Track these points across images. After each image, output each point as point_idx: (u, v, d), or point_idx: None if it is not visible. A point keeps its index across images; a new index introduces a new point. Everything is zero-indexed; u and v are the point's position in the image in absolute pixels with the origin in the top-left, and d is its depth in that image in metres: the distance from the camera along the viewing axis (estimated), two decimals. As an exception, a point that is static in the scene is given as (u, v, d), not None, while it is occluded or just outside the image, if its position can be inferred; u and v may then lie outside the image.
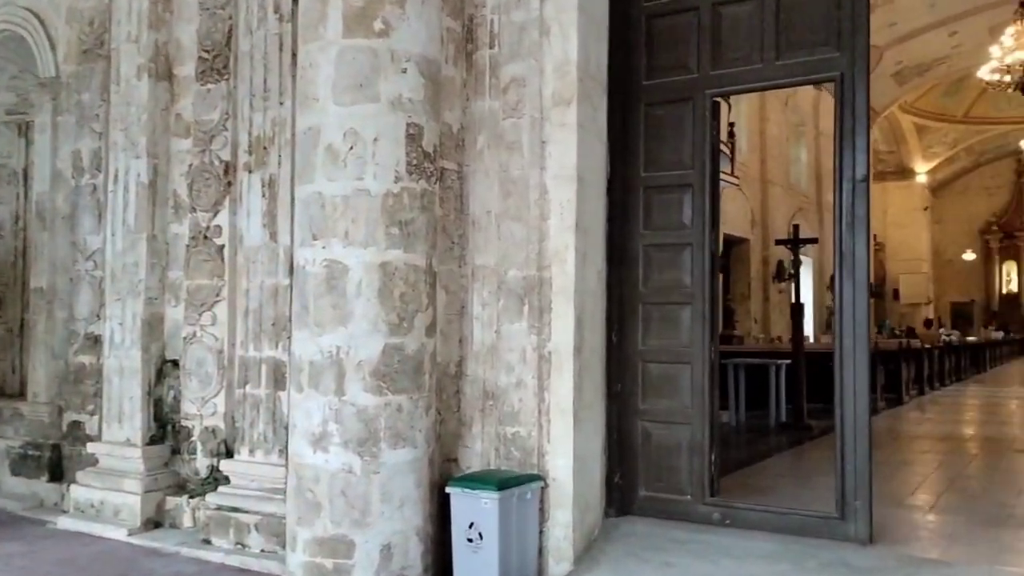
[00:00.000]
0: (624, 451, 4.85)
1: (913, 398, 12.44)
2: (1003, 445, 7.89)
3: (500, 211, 4.53)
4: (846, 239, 4.41)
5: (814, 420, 9.15)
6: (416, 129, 4.12)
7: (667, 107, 4.86)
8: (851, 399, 4.34)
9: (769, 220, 19.08)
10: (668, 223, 4.85)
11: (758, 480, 6.04)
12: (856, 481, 4.31)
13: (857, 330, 4.35)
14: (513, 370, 4.45)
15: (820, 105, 22.10)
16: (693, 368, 4.75)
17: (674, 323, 4.81)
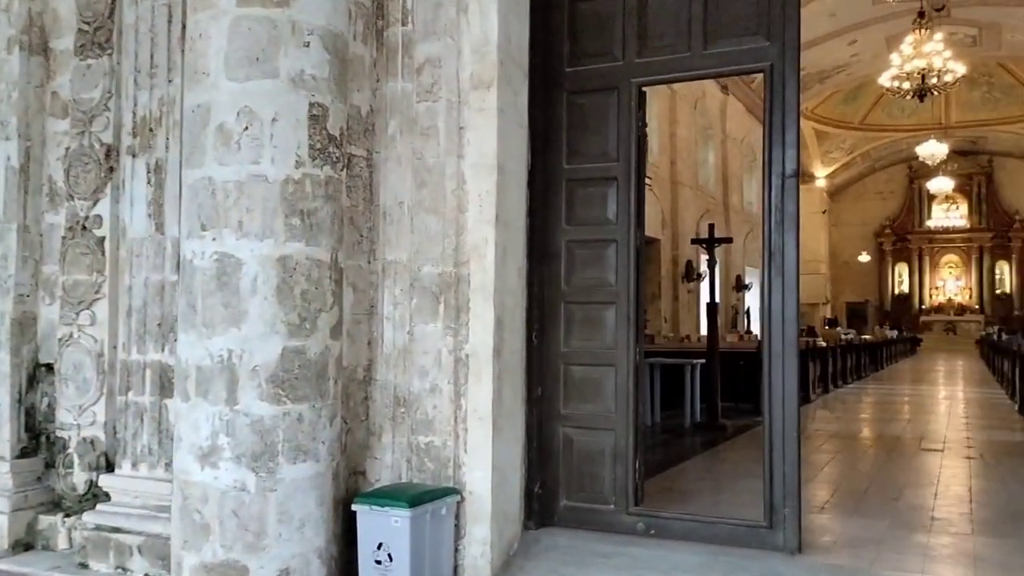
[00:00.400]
0: (544, 459, 4.54)
1: (819, 396, 12.59)
2: (911, 443, 7.94)
3: (414, 202, 4.15)
4: (775, 237, 4.21)
5: (727, 419, 9.08)
6: (320, 110, 3.70)
7: (591, 96, 4.57)
8: (779, 403, 4.13)
9: (679, 221, 19.20)
10: (592, 218, 4.56)
11: (679, 484, 5.83)
12: (785, 488, 4.10)
13: (787, 332, 4.15)
14: (427, 374, 4.08)
15: (727, 109, 22.47)
16: (617, 371, 4.47)
17: (598, 324, 4.53)
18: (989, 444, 8.00)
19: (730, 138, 22.89)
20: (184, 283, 3.74)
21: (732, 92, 22.51)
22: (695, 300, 20.00)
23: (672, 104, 18.95)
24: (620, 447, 4.45)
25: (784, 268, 4.16)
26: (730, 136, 22.88)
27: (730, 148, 22.94)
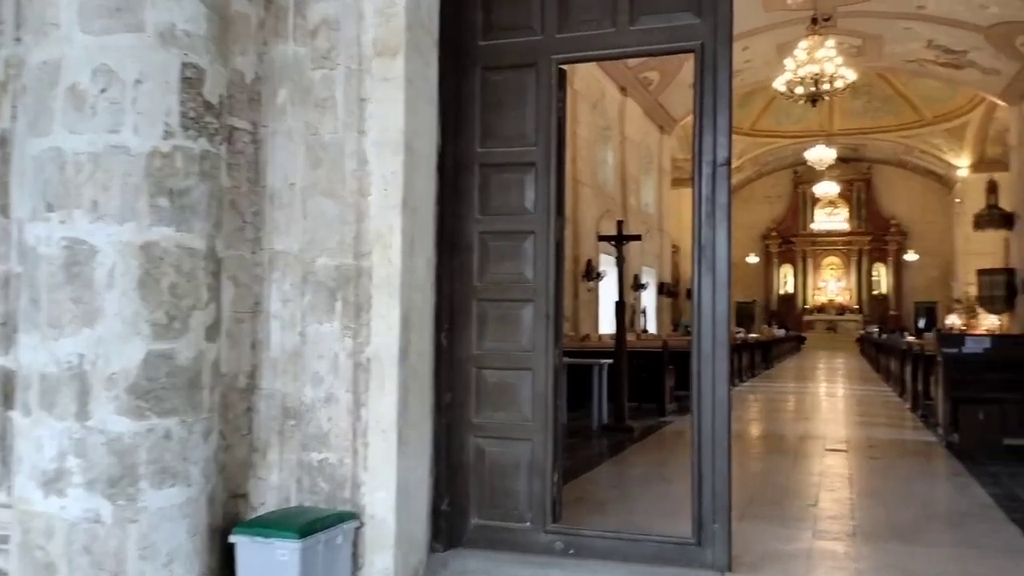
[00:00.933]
0: (454, 473, 4.07)
1: (719, 395, 12.56)
2: (816, 444, 7.85)
3: (307, 183, 3.60)
4: (705, 230, 3.86)
5: (634, 421, 8.82)
6: (195, 72, 3.13)
7: (507, 73, 4.12)
8: (709, 409, 3.79)
9: (579, 220, 19.00)
10: (508, 207, 4.11)
11: (592, 493, 5.45)
12: (715, 503, 3.76)
13: (717, 332, 3.80)
14: (322, 382, 3.54)
15: (626, 111, 22.49)
16: (535, 375, 4.04)
17: (514, 323, 4.08)
18: (890, 444, 8.00)
19: (628, 140, 22.92)
20: (27, 274, 3.11)
21: (630, 94, 22.55)
22: (595, 299, 19.88)
23: (573, 103, 18.72)
24: (537, 459, 4.02)
25: (715, 264, 3.82)
26: (628, 138, 22.90)
27: (628, 150, 22.97)
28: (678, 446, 7.81)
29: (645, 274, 24.43)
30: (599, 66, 20.07)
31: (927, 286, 34.44)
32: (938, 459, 7.04)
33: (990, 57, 21.47)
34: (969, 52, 21.71)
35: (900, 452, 7.50)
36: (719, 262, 3.82)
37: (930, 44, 21.92)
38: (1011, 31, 19.54)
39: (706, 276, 3.83)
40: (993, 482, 5.80)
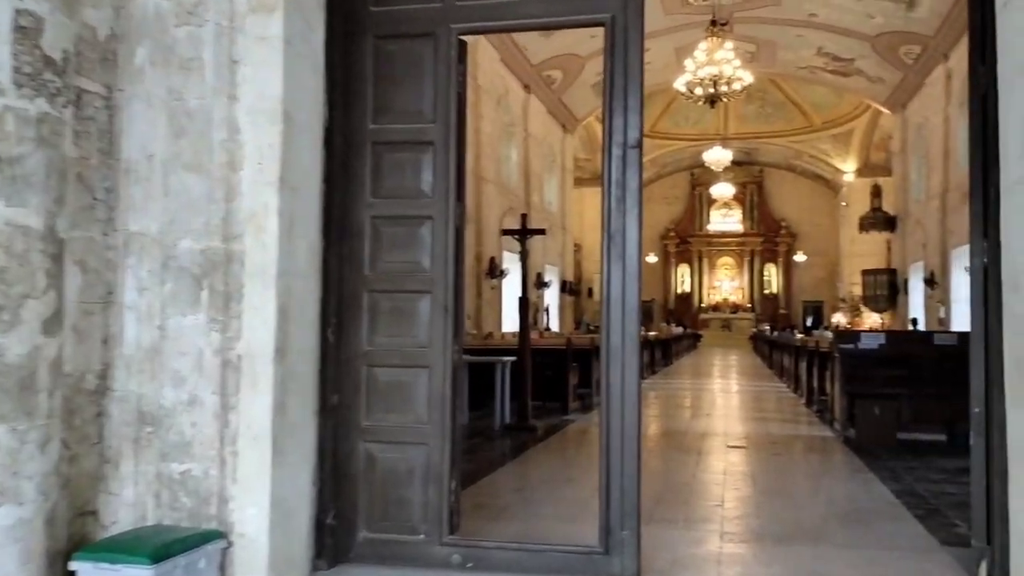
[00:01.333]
0: (340, 482, 3.66)
1: (621, 392, 12.47)
2: (717, 440, 7.75)
3: (169, 156, 3.13)
4: (615, 217, 3.59)
5: (537, 420, 8.55)
6: (32, 21, 2.65)
7: (402, 42, 3.74)
8: (618, 408, 3.51)
9: (483, 216, 18.71)
10: (403, 189, 3.73)
11: (494, 498, 5.12)
12: (624, 508, 3.48)
13: (627, 325, 3.53)
14: (184, 382, 3.09)
15: (529, 108, 22.32)
16: (432, 373, 3.68)
17: (409, 316, 3.71)
18: (790, 439, 7.99)
19: (532, 137, 22.76)
20: None
21: (534, 92, 22.40)
22: (498, 297, 19.62)
23: (476, 98, 18.42)
24: (433, 465, 3.66)
25: (625, 253, 3.55)
26: (532, 135, 22.75)
27: (532, 147, 22.82)
28: (582, 445, 7.59)
29: (548, 272, 24.36)
30: (503, 62, 19.85)
31: (814, 286, 35.71)
32: (837, 454, 7.03)
33: (875, 65, 22.32)
34: (856, 60, 22.51)
35: (800, 448, 7.48)
36: (629, 251, 3.55)
37: (820, 51, 22.63)
38: (895, 41, 20.34)
39: (615, 266, 3.56)
40: (893, 478, 5.77)
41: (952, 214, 19.45)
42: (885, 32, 20.02)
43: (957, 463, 6.42)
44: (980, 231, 3.30)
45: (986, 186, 3.26)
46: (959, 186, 18.90)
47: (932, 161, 21.26)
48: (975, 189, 3.33)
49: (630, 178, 3.56)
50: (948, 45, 19.01)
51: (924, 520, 4.53)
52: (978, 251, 3.30)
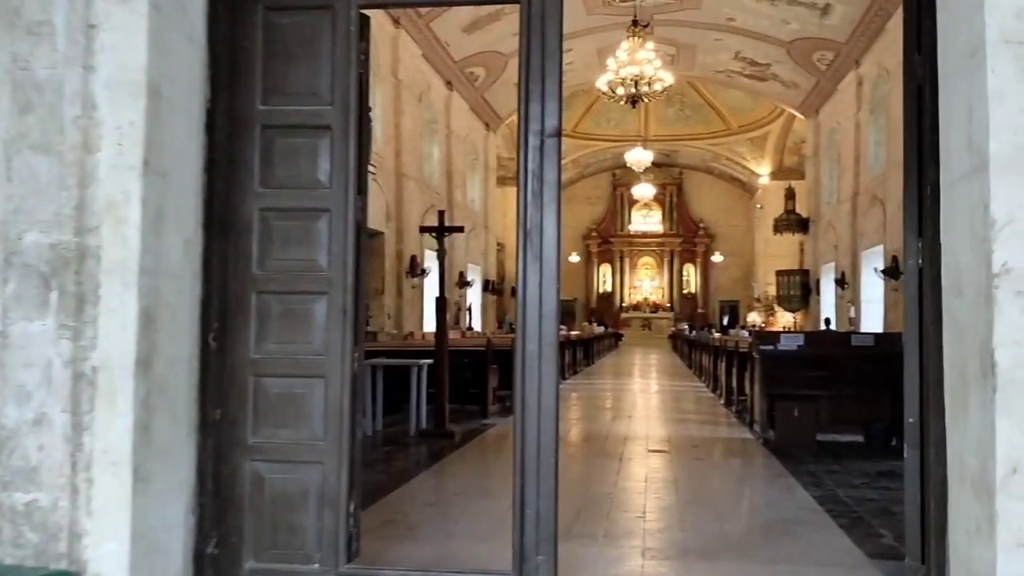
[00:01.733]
0: (224, 507, 3.23)
1: (542, 393, 12.21)
2: (639, 444, 7.55)
3: (14, 135, 2.66)
4: (531, 212, 3.26)
5: (455, 424, 8.20)
6: None
7: (296, 15, 3.33)
8: (535, 422, 3.19)
9: (403, 214, 18.25)
10: (297, 179, 3.33)
11: (404, 514, 4.75)
12: (539, 531, 3.16)
13: (544, 329, 3.21)
14: (30, 398, 2.62)
15: (452, 105, 21.94)
16: (328, 383, 3.28)
17: (303, 321, 3.31)
18: (710, 442, 7.84)
19: (454, 135, 22.39)
20: None
21: (456, 88, 22.02)
22: (420, 296, 19.19)
23: (397, 93, 17.96)
24: (330, 486, 3.27)
25: (543, 251, 3.22)
26: (454, 132, 22.37)
27: (454, 144, 22.44)
28: (501, 452, 7.26)
29: (470, 271, 24.02)
30: (425, 57, 19.41)
31: (731, 286, 36.36)
32: (758, 457, 6.90)
33: (790, 71, 22.72)
34: (772, 65, 22.88)
35: (721, 451, 7.33)
36: (547, 250, 3.23)
37: (738, 56, 22.92)
38: (809, 47, 20.71)
39: (532, 265, 3.23)
40: (814, 482, 5.63)
41: (862, 217, 19.92)
42: (800, 38, 20.36)
43: (876, 466, 6.35)
44: (915, 230, 3.10)
45: (921, 183, 3.06)
46: (869, 190, 19.37)
47: (843, 165, 21.76)
48: (909, 186, 3.13)
49: (548, 170, 3.24)
50: (859, 52, 19.45)
51: (849, 530, 4.36)
52: (912, 252, 3.10)
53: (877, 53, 18.54)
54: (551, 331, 3.22)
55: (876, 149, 19.27)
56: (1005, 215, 2.26)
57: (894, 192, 17.27)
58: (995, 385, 2.25)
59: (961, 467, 2.54)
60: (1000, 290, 2.26)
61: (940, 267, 2.80)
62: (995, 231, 2.26)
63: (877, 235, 18.53)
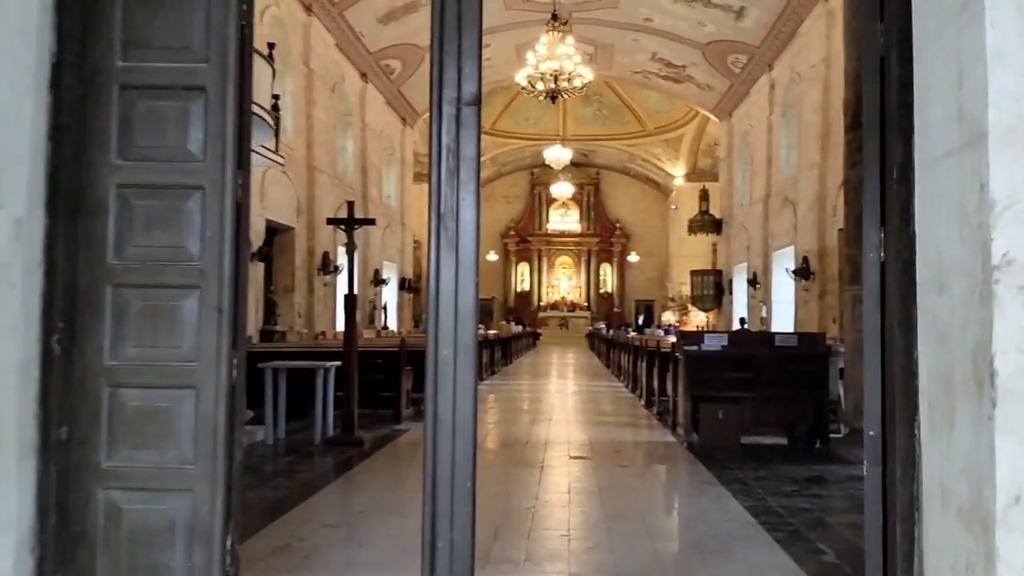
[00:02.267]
0: (71, 544, 2.64)
1: (458, 395, 11.71)
2: (560, 450, 7.14)
3: None
4: (446, 192, 2.77)
5: (365, 431, 7.63)
6: None
7: (165, -47, 2.77)
8: (448, 439, 2.71)
9: (316, 209, 17.43)
10: (164, 150, 2.76)
11: (300, 538, 4.19)
12: (453, 566, 2.68)
13: (461, 330, 2.73)
14: None
15: (367, 97, 21.21)
16: (200, 395, 2.72)
17: (170, 320, 2.74)
18: (634, 447, 7.50)
19: (369, 128, 21.63)
20: None
21: (371, 81, 21.30)
22: (332, 294, 18.40)
23: (309, 83, 17.15)
24: (201, 517, 2.71)
25: (459, 238, 2.75)
26: (369, 126, 21.62)
27: (370, 138, 21.68)
28: (415, 460, 6.74)
29: (386, 269, 23.32)
30: (339, 47, 18.65)
31: (646, 285, 36.60)
32: (683, 463, 6.57)
33: (705, 73, 22.85)
34: (688, 67, 22.98)
35: (645, 457, 6.98)
36: (464, 237, 2.75)
37: (655, 56, 22.93)
38: (724, 49, 20.83)
39: (447, 255, 2.75)
40: (744, 491, 5.32)
41: (774, 218, 20.14)
42: (715, 40, 20.46)
43: (803, 471, 6.11)
44: (876, 220, 2.74)
45: (884, 166, 2.71)
46: (781, 192, 19.59)
47: (756, 167, 22.00)
48: (870, 169, 2.78)
49: (466, 144, 2.76)
50: (772, 55, 19.64)
51: (787, 545, 4.03)
52: (873, 244, 2.74)
53: (789, 57, 18.75)
54: (469, 333, 2.74)
55: (788, 152, 19.50)
56: (1006, 195, 1.89)
57: (805, 194, 17.49)
58: (994, 398, 1.89)
59: (943, 492, 2.17)
60: (1000, 285, 1.89)
61: (911, 260, 2.45)
62: (995, 215, 1.90)
63: (788, 236, 18.73)
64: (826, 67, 16.20)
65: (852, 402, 6.96)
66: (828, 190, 16.11)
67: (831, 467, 6.28)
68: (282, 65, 15.06)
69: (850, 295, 7.03)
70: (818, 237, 16.47)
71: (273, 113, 12.89)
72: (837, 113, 16.18)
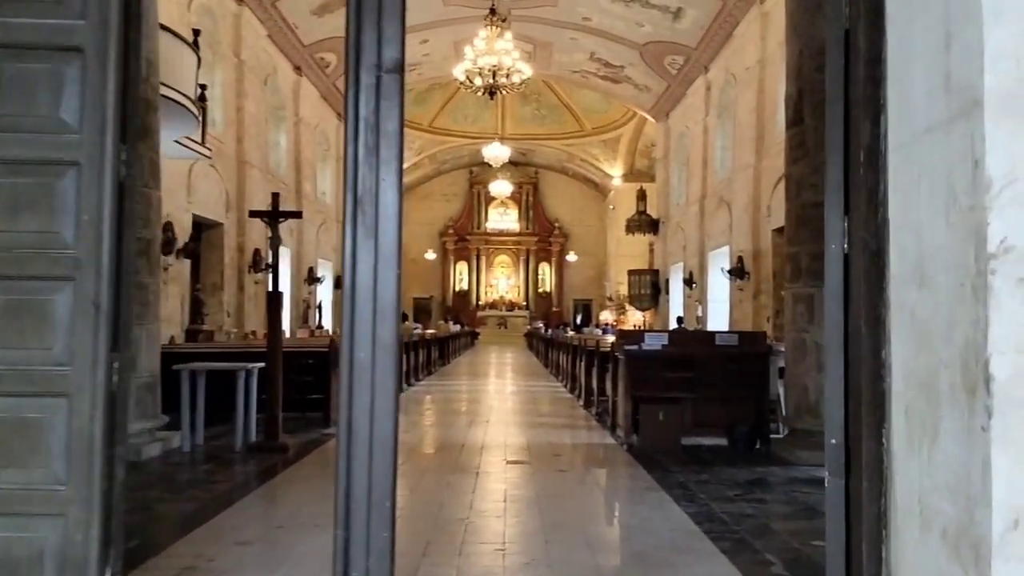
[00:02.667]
0: (-87, 584, 2.22)
1: (393, 396, 11.28)
2: (496, 455, 6.82)
3: None
4: (364, 172, 2.42)
5: (291, 435, 7.19)
6: None
7: None
8: (365, 457, 2.35)
9: (246, 205, 16.73)
10: (31, 120, 2.35)
11: (209, 558, 3.77)
12: (372, 596, 2.33)
13: (380, 331, 2.38)
14: None
15: (301, 91, 20.56)
16: (74, 405, 2.33)
17: (37, 317, 2.34)
18: (572, 450, 7.22)
19: (304, 122, 20.97)
20: None
21: (306, 74, 20.65)
22: (264, 292, 17.69)
23: (240, 75, 16.47)
24: (75, 546, 2.31)
25: (379, 224, 2.39)
26: (304, 120, 20.96)
27: (304, 133, 21.02)
28: (341, 466, 6.36)
29: (321, 267, 22.67)
30: (271, 38, 17.99)
31: (584, 285, 36.57)
32: (623, 467, 6.32)
33: (643, 74, 22.82)
34: (625, 68, 22.91)
35: (584, 460, 6.70)
36: (385, 222, 2.40)
37: (593, 56, 22.81)
38: (661, 50, 20.81)
39: (365, 243, 2.39)
40: (687, 496, 5.09)
41: (709, 218, 20.21)
42: (652, 41, 20.42)
43: (745, 473, 5.92)
44: (839, 208, 2.48)
45: (848, 149, 2.46)
46: (716, 192, 19.65)
47: (692, 168, 22.06)
48: (833, 151, 2.51)
49: (387, 117, 2.41)
50: (708, 57, 19.69)
51: (733, 556, 3.78)
52: (836, 234, 2.48)
53: (725, 59, 18.81)
54: (389, 332, 2.39)
55: (723, 153, 19.57)
56: (1004, 173, 1.64)
57: (740, 195, 17.54)
58: (989, 406, 1.63)
59: (923, 511, 1.92)
60: (997, 276, 1.63)
61: (879, 251, 2.20)
62: (991, 196, 1.64)
63: (724, 236, 18.78)
64: (761, 69, 16.26)
65: (793, 402, 6.81)
66: (762, 191, 16.17)
67: (773, 469, 6.11)
68: (211, 55, 14.39)
69: (791, 293, 6.89)
70: (752, 237, 16.52)
71: (199, 103, 12.27)
72: (771, 115, 16.32)
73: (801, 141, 6.67)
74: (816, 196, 6.59)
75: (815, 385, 6.52)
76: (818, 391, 6.50)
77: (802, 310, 6.63)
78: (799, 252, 6.72)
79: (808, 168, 6.59)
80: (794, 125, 6.79)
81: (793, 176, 6.85)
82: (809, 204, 6.60)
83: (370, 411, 2.36)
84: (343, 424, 2.37)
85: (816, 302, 6.52)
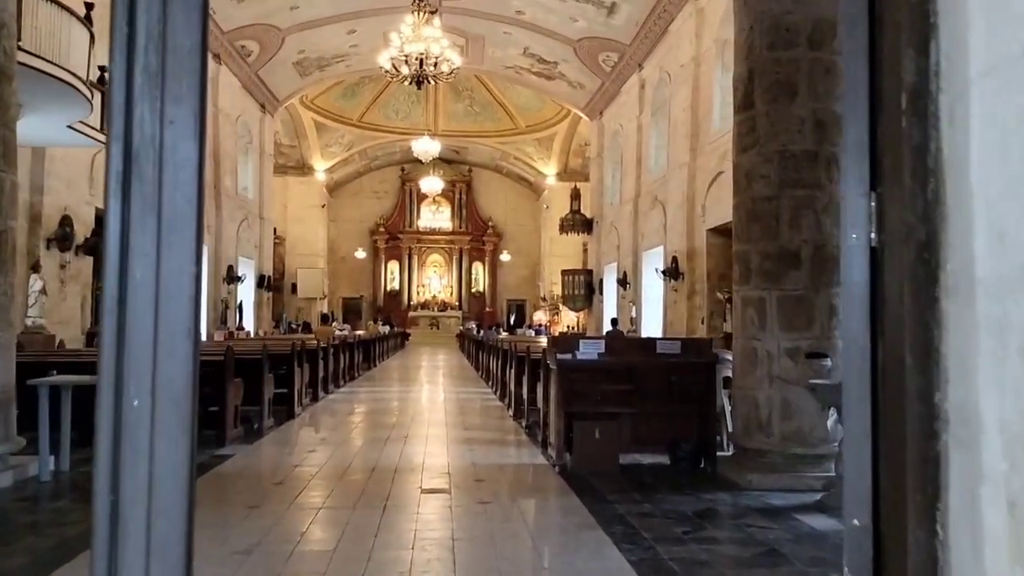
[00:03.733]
0: None
1: (307, 407, 10.26)
2: (411, 481, 5.92)
3: None
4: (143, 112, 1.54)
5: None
6: None
7: None
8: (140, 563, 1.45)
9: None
10: None
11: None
12: None
13: (165, 364, 1.48)
14: None
15: (220, 80, 19.25)
16: None
17: None
18: (498, 473, 6.33)
19: (223, 113, 19.63)
20: None
21: (225, 62, 19.33)
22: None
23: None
24: None
25: (163, 194, 1.49)
26: (223, 111, 19.63)
27: (223, 125, 19.68)
28: (238, 495, 5.37)
29: (242, 265, 21.34)
30: (185, 22, 16.64)
31: (518, 285, 35.81)
32: (555, 496, 5.49)
33: (577, 71, 22.15)
34: (559, 64, 22.21)
35: (511, 488, 5.82)
36: (176, 191, 1.51)
37: (526, 52, 22.04)
38: (596, 47, 20.15)
39: (143, 221, 1.50)
40: (628, 535, 4.29)
41: (643, 218, 19.63)
42: (587, 37, 19.76)
43: (692, 502, 5.15)
44: (863, 183, 1.67)
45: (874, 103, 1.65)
46: (650, 191, 19.08)
47: (626, 167, 21.47)
48: (854, 108, 1.71)
49: (180, 28, 1.51)
50: (643, 55, 19.11)
51: (690, 626, 2.97)
52: (860, 216, 1.68)
53: (659, 57, 18.25)
54: (181, 365, 1.49)
55: (657, 152, 19.02)
56: None
57: (674, 194, 16.98)
58: None
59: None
60: None
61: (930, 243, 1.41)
62: None
63: (658, 236, 18.22)
64: (695, 66, 15.72)
65: (742, 418, 6.08)
66: (697, 190, 15.63)
67: (721, 496, 5.36)
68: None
69: (739, 296, 6.16)
70: (687, 237, 15.97)
71: (96, 86, 11.04)
72: (706, 113, 15.80)
73: (752, 127, 5.95)
74: (769, 189, 5.89)
75: (766, 399, 5.81)
76: (770, 406, 5.80)
77: (752, 315, 5.90)
78: (748, 251, 6.00)
79: (760, 157, 5.88)
80: (744, 110, 6.07)
81: (742, 166, 6.13)
82: (760, 197, 5.89)
83: (148, 498, 1.46)
84: (99, 514, 1.46)
85: (768, 306, 5.82)
